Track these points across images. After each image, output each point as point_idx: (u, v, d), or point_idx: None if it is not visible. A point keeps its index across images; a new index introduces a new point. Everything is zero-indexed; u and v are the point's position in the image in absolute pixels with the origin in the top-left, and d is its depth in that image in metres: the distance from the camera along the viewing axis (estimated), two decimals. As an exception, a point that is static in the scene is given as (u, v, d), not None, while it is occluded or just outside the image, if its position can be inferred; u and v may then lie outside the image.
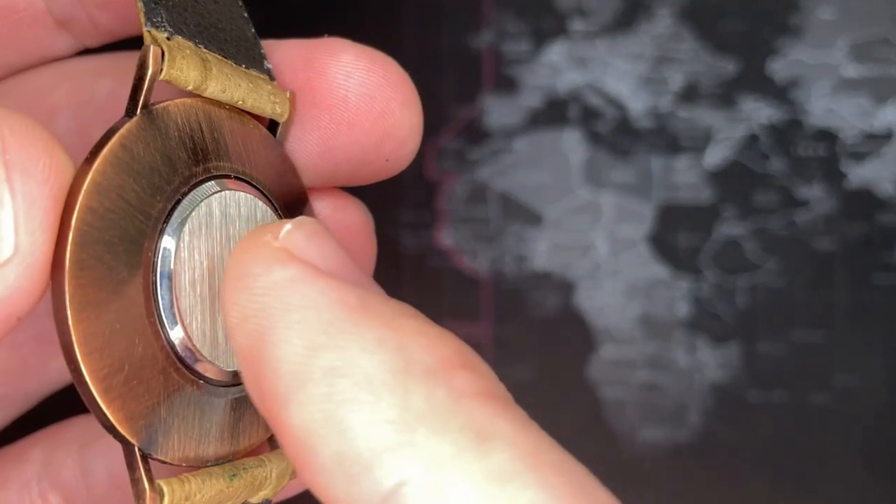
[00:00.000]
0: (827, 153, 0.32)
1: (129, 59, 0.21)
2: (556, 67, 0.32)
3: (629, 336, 0.32)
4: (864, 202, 0.31)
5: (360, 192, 0.21)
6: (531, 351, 0.32)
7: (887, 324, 0.31)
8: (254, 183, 0.18)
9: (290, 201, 0.18)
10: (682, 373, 0.32)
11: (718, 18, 0.32)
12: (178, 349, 0.16)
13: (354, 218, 0.19)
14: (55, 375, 0.22)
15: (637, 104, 0.32)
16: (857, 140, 0.31)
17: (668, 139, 0.32)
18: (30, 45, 0.20)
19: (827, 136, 0.32)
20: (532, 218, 0.32)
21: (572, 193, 0.32)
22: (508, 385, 0.15)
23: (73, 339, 0.15)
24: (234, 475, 0.17)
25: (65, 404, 0.21)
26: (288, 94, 0.18)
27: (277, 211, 0.18)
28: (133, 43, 0.17)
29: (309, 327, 0.14)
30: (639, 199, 0.32)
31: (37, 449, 0.22)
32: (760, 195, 0.32)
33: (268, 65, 0.18)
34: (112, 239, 0.15)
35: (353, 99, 0.18)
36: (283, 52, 0.19)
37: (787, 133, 0.32)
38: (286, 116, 0.18)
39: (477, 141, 0.32)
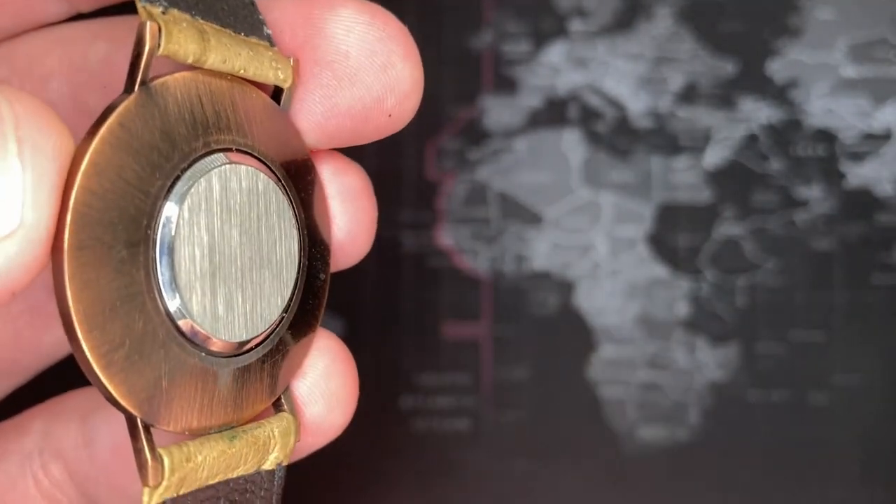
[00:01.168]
0: (826, 153, 0.32)
1: (123, 24, 0.20)
2: (556, 68, 0.32)
3: (629, 336, 0.32)
4: (863, 202, 0.32)
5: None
6: (531, 351, 0.32)
7: (886, 324, 0.31)
8: (256, 154, 0.18)
9: (295, 169, 0.18)
10: (681, 372, 0.32)
11: (718, 18, 0.32)
12: (179, 324, 0.16)
13: (355, 180, 0.19)
14: (49, 349, 0.22)
15: (637, 104, 0.32)
16: (856, 140, 0.32)
17: (667, 139, 0.32)
18: (23, 10, 0.20)
19: (826, 137, 0.32)
20: (532, 218, 0.32)
21: (572, 193, 0.32)
22: (508, 385, 0.15)
23: (74, 318, 0.15)
24: (233, 437, 0.17)
25: (63, 381, 0.21)
26: (291, 61, 0.18)
27: (280, 181, 0.18)
28: (126, 7, 0.16)
29: None
30: (638, 199, 0.32)
31: (37, 421, 0.22)
32: (760, 195, 0.32)
33: (267, 31, 0.18)
34: (111, 219, 0.15)
35: (354, 53, 0.18)
36: (282, 10, 0.19)
37: (787, 133, 0.32)
38: (289, 82, 0.18)
39: (477, 141, 0.32)
